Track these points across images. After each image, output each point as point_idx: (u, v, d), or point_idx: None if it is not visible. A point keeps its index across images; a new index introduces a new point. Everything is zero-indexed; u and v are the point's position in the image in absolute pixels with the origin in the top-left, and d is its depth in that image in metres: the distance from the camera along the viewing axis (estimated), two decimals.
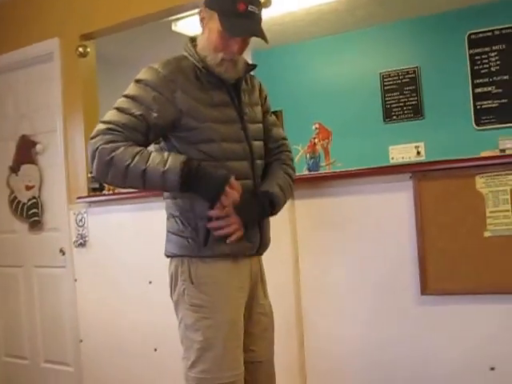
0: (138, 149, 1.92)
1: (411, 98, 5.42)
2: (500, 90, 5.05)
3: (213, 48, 2.02)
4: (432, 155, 5.25)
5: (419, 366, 2.63)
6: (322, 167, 3.15)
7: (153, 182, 1.92)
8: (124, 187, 2.09)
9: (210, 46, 2.03)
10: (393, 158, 5.37)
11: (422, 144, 5.33)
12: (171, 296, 2.15)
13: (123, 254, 3.50)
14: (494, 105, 5.07)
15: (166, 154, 1.95)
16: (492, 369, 2.49)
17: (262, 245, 2.17)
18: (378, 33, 5.69)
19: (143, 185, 1.93)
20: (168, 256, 2.16)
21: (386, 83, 5.56)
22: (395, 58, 5.65)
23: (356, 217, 2.73)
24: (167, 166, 1.89)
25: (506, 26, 5.10)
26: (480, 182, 2.47)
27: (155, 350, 3.36)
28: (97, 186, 3.77)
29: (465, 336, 2.55)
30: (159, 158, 1.90)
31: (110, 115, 1.98)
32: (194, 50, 2.08)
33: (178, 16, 4.09)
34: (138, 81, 2.03)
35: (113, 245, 3.59)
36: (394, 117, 5.47)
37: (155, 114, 1.95)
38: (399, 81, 5.50)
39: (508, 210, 2.43)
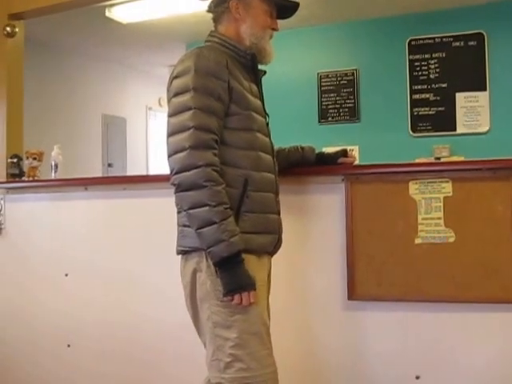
0: (227, 201, 1.87)
1: (348, 101, 5.39)
2: (437, 98, 5.08)
3: (261, 29, 2.08)
4: (366, 159, 5.23)
5: (347, 369, 2.56)
6: None
7: (204, 235, 1.86)
8: (182, 209, 1.94)
9: (258, 27, 2.07)
10: None
11: (356, 147, 5.31)
12: (190, 295, 2.03)
13: (40, 244, 3.30)
14: (430, 112, 5.10)
15: (238, 229, 1.89)
16: (417, 378, 2.44)
17: (279, 243, 2.17)
18: (318, 33, 5.65)
19: (195, 226, 1.87)
20: (185, 252, 2.03)
21: (323, 84, 5.50)
22: (334, 60, 5.63)
23: (286, 216, 2.63)
24: (231, 240, 1.84)
25: (447, 34, 5.14)
26: (413, 189, 2.42)
27: (68, 346, 3.17)
28: (16, 171, 3.54)
29: (390, 343, 2.49)
30: (232, 227, 1.86)
31: (199, 118, 1.88)
32: (225, 37, 2.09)
33: (113, 2, 3.91)
34: (196, 71, 1.92)
35: (30, 233, 3.37)
36: (330, 118, 5.43)
37: (224, 102, 1.94)
38: (337, 82, 5.46)
39: (440, 218, 2.38)
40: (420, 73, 5.15)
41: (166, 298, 2.79)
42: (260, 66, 2.17)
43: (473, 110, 4.93)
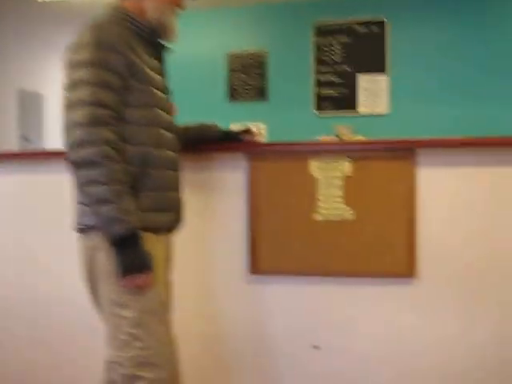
0: (123, 179, 1.83)
1: (256, 81, 5.45)
2: (341, 80, 5.24)
3: (164, 4, 2.04)
4: (274, 137, 5.34)
5: (250, 340, 2.63)
6: None
7: (100, 213, 1.80)
8: (78, 187, 1.86)
9: (161, 2, 2.04)
10: None
11: (264, 126, 5.38)
12: (88, 273, 1.99)
13: None
14: (334, 93, 5.24)
15: (134, 208, 1.85)
16: (316, 347, 2.54)
17: (180, 221, 2.17)
18: (229, 15, 5.66)
19: (91, 204, 1.82)
20: (83, 230, 1.97)
21: (233, 64, 5.53)
22: (244, 41, 5.65)
23: (189, 194, 2.65)
24: (126, 218, 1.80)
25: (351, 20, 5.28)
26: (313, 166, 2.49)
27: None
28: None
29: (291, 316, 2.58)
30: (128, 206, 1.82)
31: (95, 93, 1.80)
32: (127, 11, 2.02)
33: None
34: (94, 44, 1.84)
35: None
36: (239, 97, 5.46)
37: (123, 77, 1.88)
38: (246, 63, 5.51)
39: (340, 196, 2.47)
40: (325, 55, 5.28)
41: (67, 274, 2.74)
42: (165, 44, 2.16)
43: (373, 92, 5.11)
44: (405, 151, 2.42)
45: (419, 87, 5.08)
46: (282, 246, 2.55)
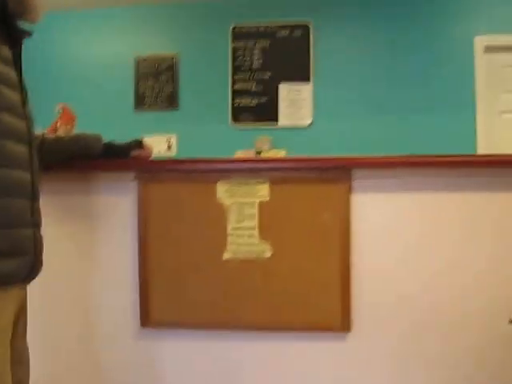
0: None
1: (167, 87, 4.86)
2: (260, 88, 4.73)
3: None
4: (184, 150, 4.77)
5: None
6: None
7: None
8: None
9: None
10: None
11: (174, 136, 4.80)
12: None
13: None
14: (252, 103, 4.73)
15: None
16: None
17: (38, 266, 1.55)
18: (136, 14, 5.05)
19: None
20: None
21: (140, 68, 4.92)
22: (153, 43, 5.06)
23: (63, 221, 2.04)
24: None
25: (273, 23, 4.80)
26: (222, 191, 1.95)
27: None
28: None
29: (192, 379, 2.02)
30: None
31: None
32: None
33: None
34: None
35: None
36: (147, 105, 4.85)
37: None
38: (155, 67, 4.90)
39: (254, 228, 1.94)
40: (243, 61, 4.76)
41: None
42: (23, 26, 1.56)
43: (295, 103, 4.64)
44: (338, 171, 1.92)
45: (345, 98, 4.65)
46: (180, 291, 1.99)
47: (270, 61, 4.73)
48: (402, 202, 1.92)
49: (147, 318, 2.00)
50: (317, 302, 1.92)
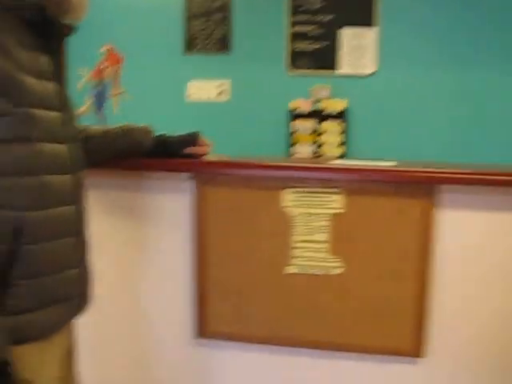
0: None
1: (219, 28, 4.53)
2: (320, 32, 4.37)
3: None
4: (237, 97, 4.50)
5: None
6: (108, 98, 2.42)
7: None
8: None
9: None
10: (189, 96, 4.51)
11: (227, 82, 4.53)
12: None
13: None
14: (311, 48, 4.39)
15: None
16: None
17: (84, 302, 1.40)
18: None
19: None
20: None
21: (191, 7, 4.58)
22: None
23: (110, 219, 1.87)
24: None
25: None
26: (288, 199, 1.73)
27: None
28: None
29: None
30: None
31: None
32: None
33: None
34: None
35: None
36: (197, 48, 4.56)
37: None
38: (207, 6, 4.56)
39: (324, 242, 1.73)
40: (302, 2, 4.38)
41: None
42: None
43: (358, 49, 4.28)
44: (420, 185, 1.67)
45: (413, 46, 4.27)
46: (240, 303, 1.82)
47: (332, 2, 4.34)
48: (490, 221, 1.67)
49: (204, 328, 1.85)
50: (389, 324, 1.73)
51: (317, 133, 4.36)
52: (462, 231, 1.68)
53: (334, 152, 4.36)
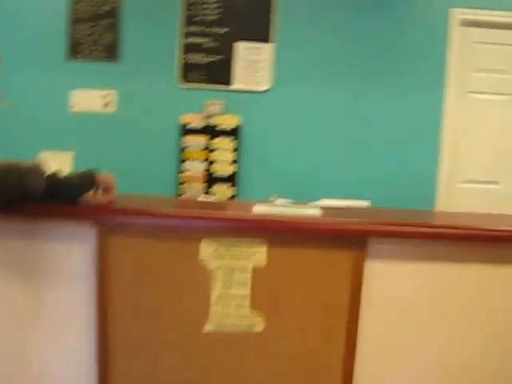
0: None
1: (106, 35, 4.23)
2: (214, 45, 4.20)
3: None
4: (125, 109, 4.22)
5: None
6: None
7: None
8: None
9: None
10: (73, 107, 4.18)
11: (113, 93, 4.24)
12: None
13: None
14: (204, 61, 4.21)
15: None
16: None
17: None
18: None
19: None
20: None
21: (76, 11, 4.24)
22: None
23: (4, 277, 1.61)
24: None
25: None
26: (207, 252, 1.55)
27: None
28: None
29: None
30: None
31: None
32: None
33: None
34: None
35: None
36: (82, 55, 4.23)
37: None
38: (94, 9, 4.24)
39: (245, 297, 1.57)
40: (196, 12, 4.19)
41: None
42: None
43: (254, 64, 4.17)
44: (350, 239, 1.56)
45: (307, 63, 4.22)
46: (150, 364, 1.61)
47: (227, 14, 4.18)
48: (420, 272, 1.60)
49: None
50: (317, 383, 1.61)
51: (209, 149, 4.19)
52: (390, 283, 1.59)
53: (226, 170, 4.21)
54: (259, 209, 1.62)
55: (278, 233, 1.54)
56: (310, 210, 1.61)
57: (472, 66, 4.20)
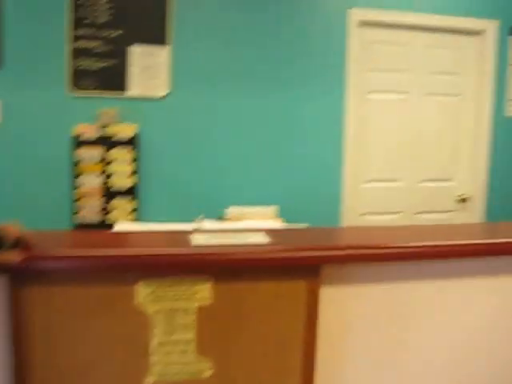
0: None
1: None
2: (107, 49, 3.91)
3: None
4: (10, 120, 3.85)
5: None
6: None
7: None
8: None
9: None
10: None
11: None
12: None
13: None
14: (96, 66, 3.92)
15: None
16: None
17: None
18: None
19: None
20: None
21: None
22: None
23: None
24: None
25: None
26: (144, 294, 1.35)
27: None
28: None
29: None
30: None
31: None
32: None
33: None
34: None
35: None
36: None
37: None
38: None
39: (190, 342, 1.38)
40: (86, 14, 3.88)
41: None
42: None
43: (150, 69, 3.94)
44: (302, 267, 1.42)
45: (207, 66, 4.05)
46: None
47: (123, 16, 3.92)
48: (375, 295, 1.49)
49: None
50: None
51: (105, 161, 3.92)
52: (347, 308, 1.47)
53: (124, 183, 3.96)
54: (198, 240, 1.44)
55: (223, 267, 1.37)
56: (255, 237, 1.46)
57: (370, 66, 4.22)
